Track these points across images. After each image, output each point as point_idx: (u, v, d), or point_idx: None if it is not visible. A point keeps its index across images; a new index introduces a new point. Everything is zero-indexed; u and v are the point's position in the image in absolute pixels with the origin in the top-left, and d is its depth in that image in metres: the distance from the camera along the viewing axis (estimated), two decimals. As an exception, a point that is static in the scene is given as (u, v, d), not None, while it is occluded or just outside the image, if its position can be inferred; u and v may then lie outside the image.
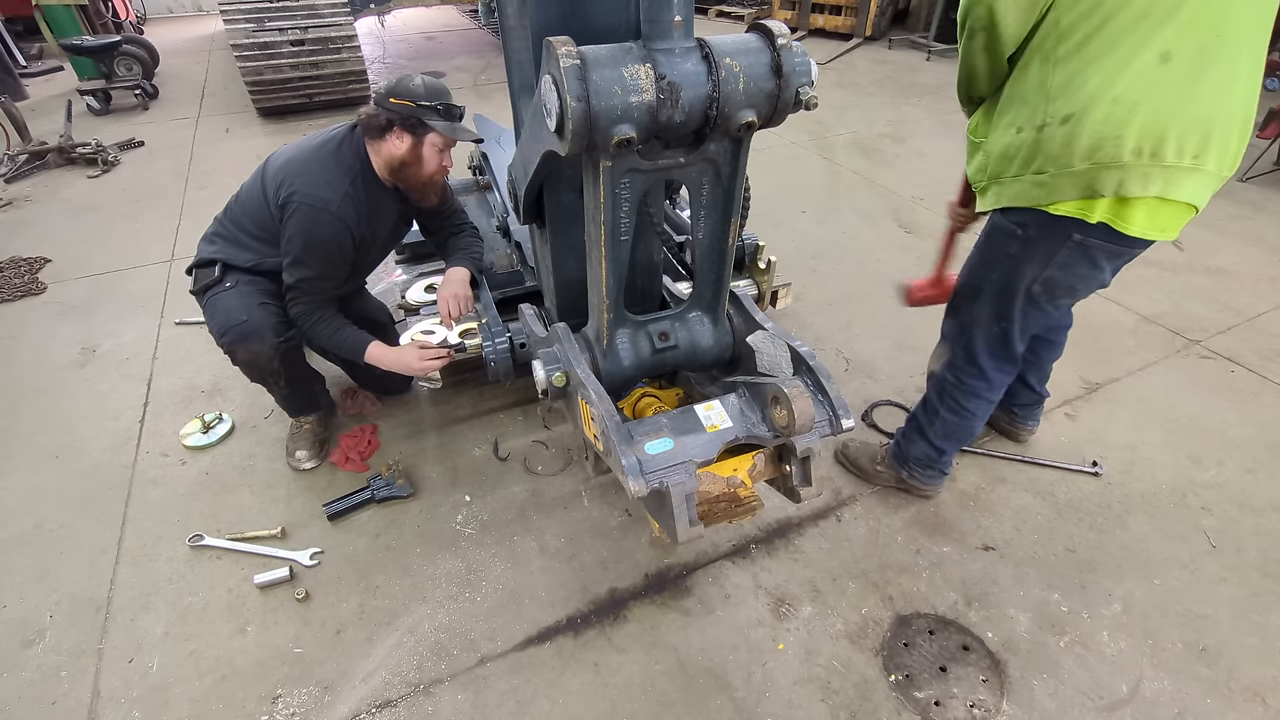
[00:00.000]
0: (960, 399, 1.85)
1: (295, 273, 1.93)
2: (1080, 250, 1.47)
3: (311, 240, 1.90)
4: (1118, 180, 1.33)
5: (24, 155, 4.76)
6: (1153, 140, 1.29)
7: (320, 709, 1.62)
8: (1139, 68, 1.25)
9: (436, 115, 1.88)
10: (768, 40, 1.24)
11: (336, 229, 1.91)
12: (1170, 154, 1.29)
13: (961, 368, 1.83)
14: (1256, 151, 4.28)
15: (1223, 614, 1.80)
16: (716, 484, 1.50)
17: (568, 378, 1.59)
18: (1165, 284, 3.21)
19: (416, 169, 1.95)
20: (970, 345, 1.79)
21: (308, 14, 5.46)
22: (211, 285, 2.01)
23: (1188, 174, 1.32)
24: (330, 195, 1.89)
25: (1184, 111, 1.27)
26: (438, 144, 1.93)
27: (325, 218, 1.88)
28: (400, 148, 1.90)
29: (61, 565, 1.97)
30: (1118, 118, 1.28)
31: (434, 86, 1.89)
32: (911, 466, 2.04)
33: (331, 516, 2.07)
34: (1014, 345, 1.73)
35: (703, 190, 1.45)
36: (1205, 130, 1.28)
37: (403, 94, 1.86)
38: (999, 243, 1.61)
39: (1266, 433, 2.36)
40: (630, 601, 1.85)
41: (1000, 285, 1.65)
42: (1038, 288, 1.58)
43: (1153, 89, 1.26)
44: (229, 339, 1.97)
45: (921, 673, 1.67)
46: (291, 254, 1.92)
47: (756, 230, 2.98)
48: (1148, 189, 1.33)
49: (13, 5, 7.52)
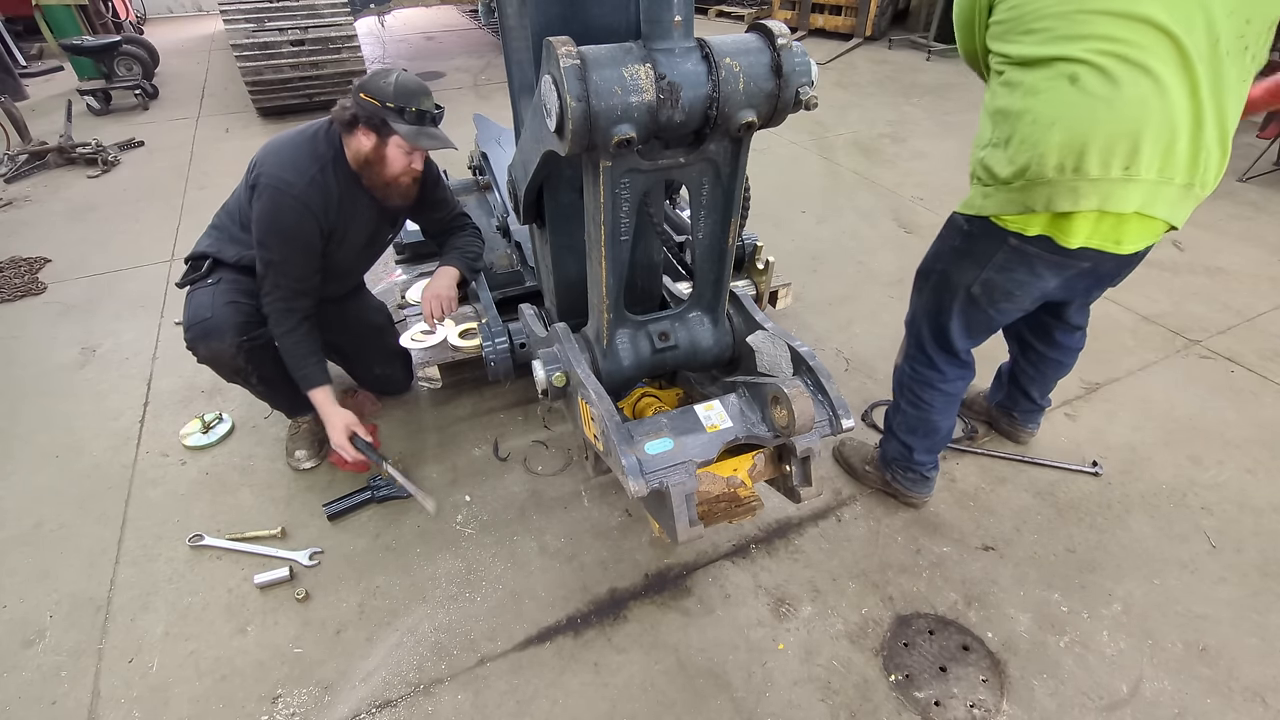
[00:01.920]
0: (916, 390, 1.87)
1: (261, 255, 1.88)
2: (1017, 254, 1.51)
3: (275, 224, 1.85)
4: (1046, 196, 1.39)
5: (24, 155, 4.76)
6: (1073, 156, 1.33)
7: (320, 709, 1.62)
8: (1051, 89, 1.33)
9: (401, 119, 1.80)
10: (768, 40, 1.24)
11: (300, 213, 1.85)
12: (1094, 168, 1.33)
13: (914, 356, 1.87)
14: (1256, 151, 4.28)
15: (1223, 614, 1.80)
16: (716, 484, 1.50)
17: (568, 378, 1.60)
18: (1165, 284, 3.21)
19: (380, 168, 1.89)
20: (919, 333, 1.84)
21: (308, 14, 5.46)
22: (194, 281, 2.01)
23: (1123, 185, 1.34)
24: (294, 179, 1.84)
25: (1101, 127, 1.30)
26: (404, 146, 1.86)
27: (288, 200, 1.83)
28: (365, 145, 1.85)
29: (61, 565, 1.97)
30: (1036, 137, 1.35)
31: (406, 87, 1.80)
32: (893, 469, 2.04)
33: (331, 516, 2.07)
34: (953, 340, 1.76)
35: (703, 190, 1.45)
36: (1133, 141, 1.30)
37: (372, 91, 1.79)
38: (947, 235, 1.68)
39: (1266, 433, 2.36)
40: (630, 601, 1.85)
41: (942, 278, 1.71)
42: (977, 288, 1.63)
43: (1066, 107, 1.32)
44: (191, 335, 1.95)
45: (921, 673, 1.67)
46: (257, 236, 1.88)
47: (756, 230, 2.98)
48: (1079, 204, 1.37)
49: (13, 5, 7.52)
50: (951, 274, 1.67)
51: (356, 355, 2.41)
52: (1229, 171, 4.30)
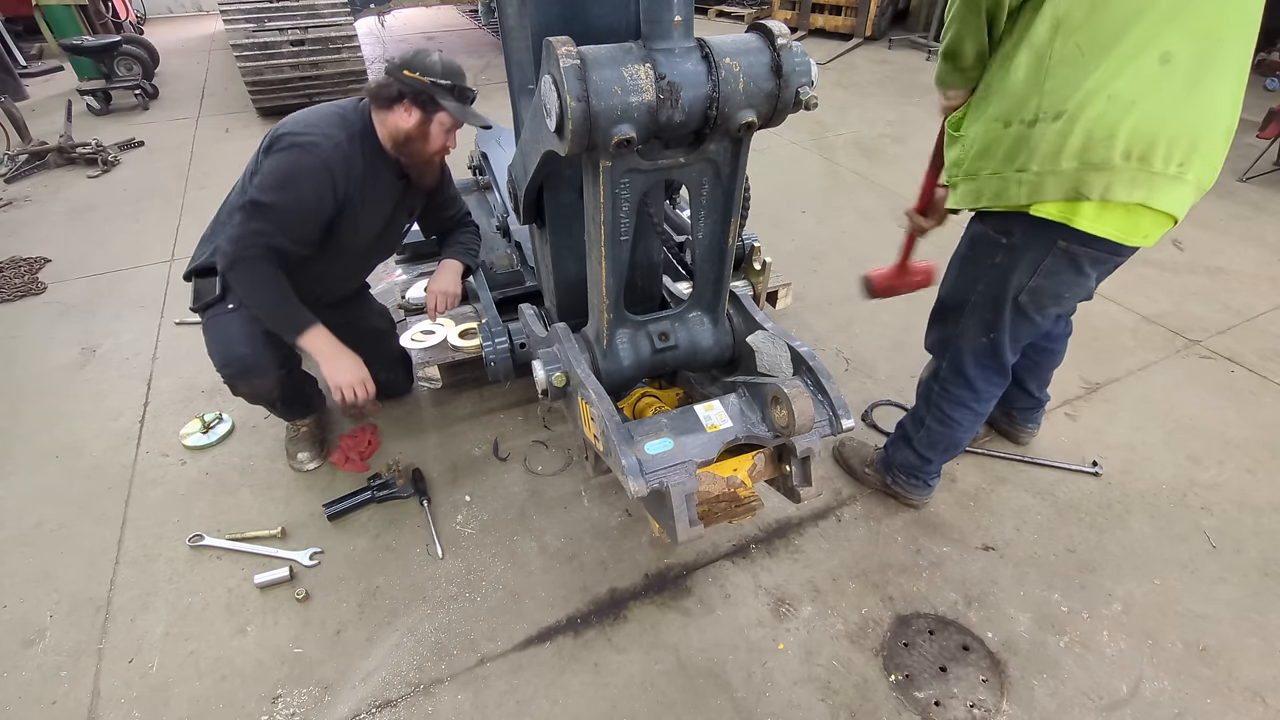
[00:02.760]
0: (946, 409, 1.82)
1: (258, 198, 1.76)
2: (1066, 256, 1.44)
3: (289, 176, 1.77)
4: (1105, 184, 1.30)
5: (24, 155, 4.75)
6: (1143, 144, 1.26)
7: (320, 709, 1.62)
8: (1138, 66, 1.22)
9: (449, 95, 1.84)
10: (768, 40, 1.24)
11: (318, 174, 1.79)
12: (1159, 160, 1.27)
13: (948, 378, 1.80)
14: (1256, 151, 4.28)
15: (1223, 614, 1.80)
16: (716, 484, 1.50)
17: (568, 378, 1.60)
18: (1165, 284, 3.21)
19: (422, 145, 1.90)
20: (957, 357, 1.76)
21: (308, 14, 5.46)
22: (212, 304, 1.95)
23: (1171, 182, 1.29)
24: (320, 140, 1.80)
25: (1177, 117, 1.24)
26: (446, 124, 1.89)
27: (309, 158, 1.78)
28: (408, 121, 1.86)
29: (61, 565, 1.97)
30: (1112, 116, 1.25)
31: (451, 66, 1.86)
32: (896, 473, 2.03)
33: (331, 516, 2.07)
34: (1004, 356, 1.70)
35: (703, 190, 1.45)
36: (1193, 138, 1.26)
37: (418, 68, 1.82)
38: (983, 253, 1.58)
39: (1266, 433, 2.36)
40: (630, 601, 1.85)
41: (987, 297, 1.61)
42: (1025, 297, 1.55)
43: (1150, 90, 1.23)
44: (231, 372, 1.93)
45: (921, 673, 1.67)
46: (263, 183, 1.77)
47: (756, 230, 2.99)
48: (1132, 194, 1.30)
49: (13, 5, 7.51)
50: (999, 291, 1.57)
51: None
52: (1229, 171, 4.31)
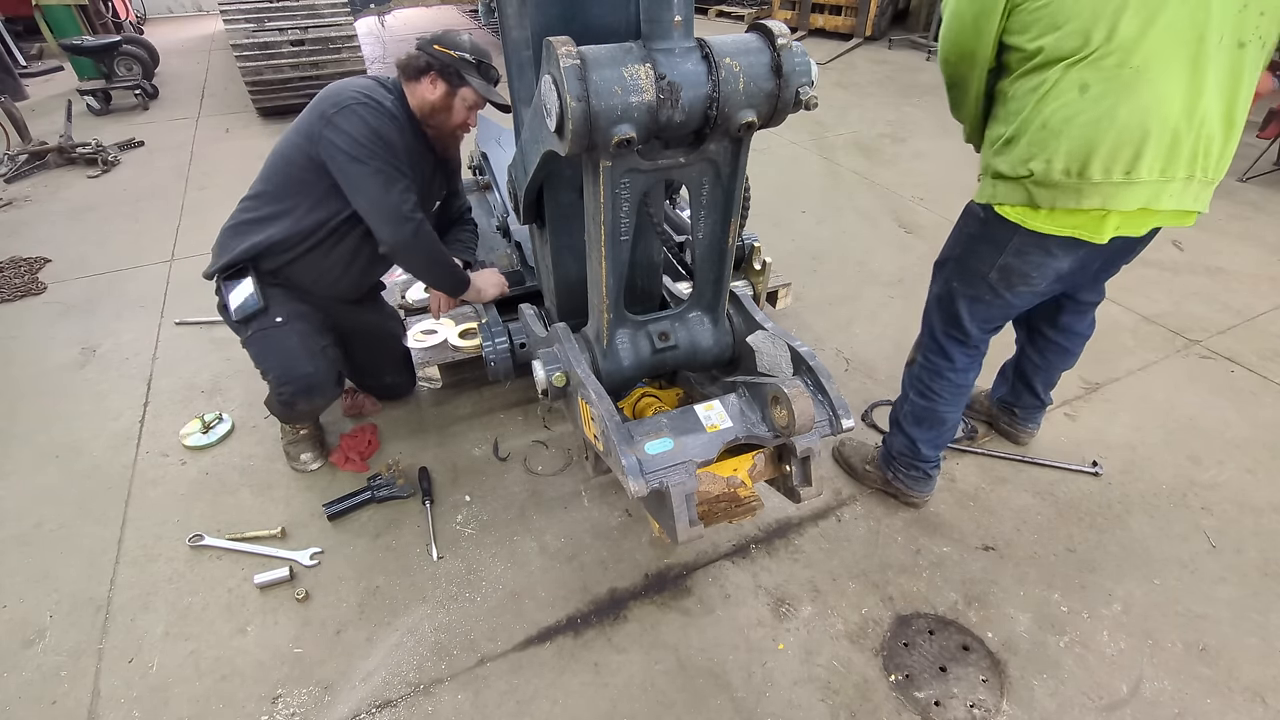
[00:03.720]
0: (926, 380, 1.88)
1: (375, 167, 1.79)
2: (1034, 238, 1.54)
3: (378, 134, 1.80)
4: (1052, 197, 1.45)
5: (24, 155, 4.76)
6: (1078, 162, 1.38)
7: (320, 709, 1.62)
8: (1062, 98, 1.36)
9: (475, 72, 1.89)
10: (768, 40, 1.24)
11: (396, 124, 1.86)
12: (1096, 173, 1.39)
13: (927, 345, 1.89)
14: (1256, 151, 4.28)
15: (1223, 614, 1.80)
16: (716, 484, 1.50)
17: (568, 378, 1.59)
18: (1165, 284, 3.21)
19: (446, 117, 1.95)
20: (931, 322, 1.86)
21: (308, 14, 5.46)
22: (255, 315, 1.92)
23: (1125, 188, 1.40)
24: (380, 98, 1.86)
25: (1105, 134, 1.35)
26: (469, 100, 1.93)
27: (384, 112, 1.84)
28: (433, 94, 1.90)
29: (61, 565, 1.97)
30: (1044, 142, 1.40)
31: (480, 46, 1.92)
32: (895, 466, 2.04)
33: (331, 516, 2.07)
34: (965, 324, 1.78)
35: (703, 190, 1.45)
36: (1135, 149, 1.35)
37: (448, 44, 1.88)
38: (964, 224, 1.72)
39: (1266, 433, 2.36)
40: (630, 601, 1.85)
41: (958, 264, 1.73)
42: (994, 274, 1.65)
43: (1073, 116, 1.36)
44: (293, 390, 1.93)
45: (921, 673, 1.67)
46: (357, 154, 1.78)
47: (756, 230, 2.98)
48: (1081, 204, 1.43)
49: (13, 5, 7.52)
50: (968, 260, 1.70)
51: (370, 362, 2.39)
52: (1229, 171, 4.30)
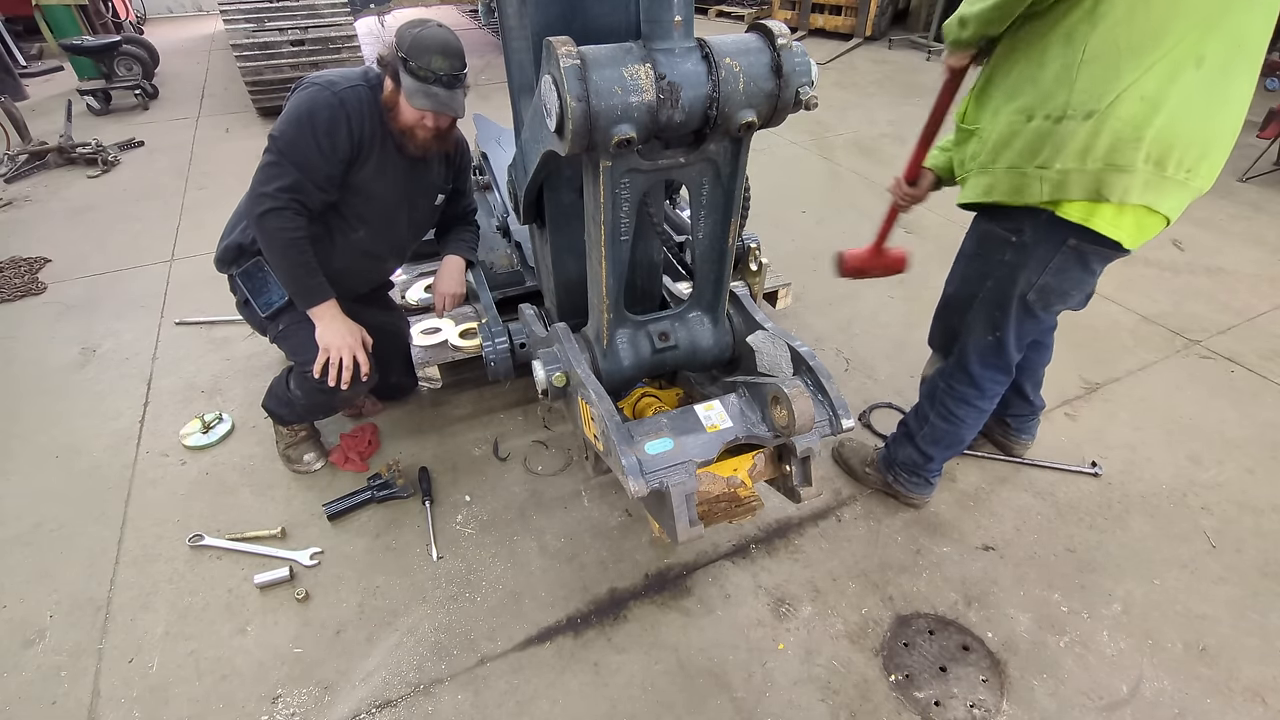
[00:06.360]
0: (950, 405, 1.84)
1: (275, 145, 1.76)
2: (1075, 255, 1.46)
3: (304, 115, 1.76)
4: (1125, 186, 1.30)
5: (24, 155, 4.75)
6: (1161, 148, 1.25)
7: (320, 709, 1.62)
8: (1173, 69, 1.19)
9: (406, 71, 1.74)
10: (768, 40, 1.24)
11: (334, 111, 1.77)
12: (1171, 165, 1.28)
13: (953, 374, 1.82)
14: (1256, 151, 4.28)
15: (1223, 614, 1.80)
16: (716, 484, 1.50)
17: (568, 378, 1.60)
18: (1165, 284, 3.21)
19: (394, 114, 1.86)
20: (963, 355, 1.78)
21: (308, 14, 5.47)
22: (283, 310, 1.95)
23: (1177, 187, 1.31)
24: (338, 81, 1.81)
25: (1197, 122, 1.24)
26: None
27: (326, 95, 1.78)
28: (388, 88, 1.85)
29: (61, 565, 1.97)
30: (1141, 119, 1.22)
31: (422, 42, 1.73)
32: (897, 471, 2.03)
33: (331, 516, 2.07)
34: (1009, 354, 1.72)
35: (703, 190, 1.45)
36: (1205, 144, 1.27)
37: (397, 37, 1.77)
38: (992, 251, 1.60)
39: (1266, 433, 2.36)
40: (630, 601, 1.85)
41: (995, 294, 1.63)
42: (1033, 295, 1.56)
43: (1179, 93, 1.20)
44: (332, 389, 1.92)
45: (921, 673, 1.67)
46: (277, 128, 1.78)
47: (756, 230, 2.98)
48: (1144, 197, 1.31)
49: (13, 5, 7.51)
50: (1006, 289, 1.59)
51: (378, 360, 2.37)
52: (1229, 171, 4.31)
